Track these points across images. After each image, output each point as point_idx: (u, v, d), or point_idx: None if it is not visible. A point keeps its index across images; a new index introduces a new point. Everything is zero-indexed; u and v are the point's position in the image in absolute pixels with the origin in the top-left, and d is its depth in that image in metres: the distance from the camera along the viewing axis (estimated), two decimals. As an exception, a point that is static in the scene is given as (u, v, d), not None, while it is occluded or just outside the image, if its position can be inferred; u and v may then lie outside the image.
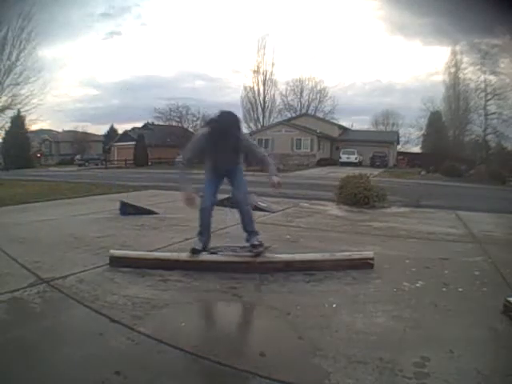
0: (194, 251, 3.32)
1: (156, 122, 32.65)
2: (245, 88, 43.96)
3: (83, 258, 3.59)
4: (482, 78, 28.88)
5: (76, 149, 41.57)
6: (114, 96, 70.36)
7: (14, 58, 17.08)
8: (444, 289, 2.94)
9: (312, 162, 30.13)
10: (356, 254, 3.50)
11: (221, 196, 7.57)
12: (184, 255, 3.40)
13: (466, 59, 31.76)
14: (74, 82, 73.54)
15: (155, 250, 3.86)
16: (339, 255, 3.50)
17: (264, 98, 42.55)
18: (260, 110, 42.72)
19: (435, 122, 35.24)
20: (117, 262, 3.32)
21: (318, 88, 43.91)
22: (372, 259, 3.40)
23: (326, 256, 3.47)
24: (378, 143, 33.62)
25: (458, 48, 32.64)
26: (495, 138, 29.89)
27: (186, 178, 3.24)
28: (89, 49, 68.41)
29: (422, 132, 37.69)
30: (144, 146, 32.89)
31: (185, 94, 65.86)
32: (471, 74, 30.65)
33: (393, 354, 1.97)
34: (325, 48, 74.99)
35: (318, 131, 32.12)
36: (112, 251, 3.43)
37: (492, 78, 28.01)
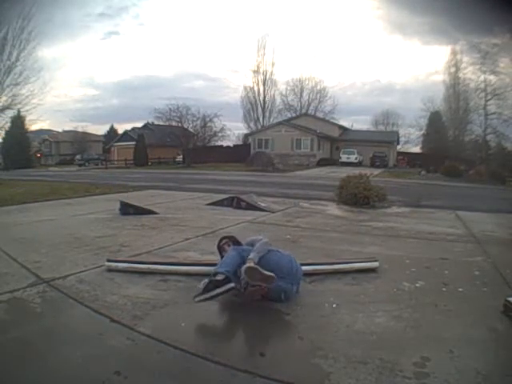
0: None
1: (156, 122, 32.59)
2: (245, 88, 44.08)
3: (83, 257, 3.59)
4: (482, 77, 28.85)
5: (76, 149, 41.58)
6: (113, 96, 70.35)
7: (14, 58, 17.08)
8: (444, 289, 2.94)
9: (312, 162, 30.11)
10: (361, 265, 3.32)
11: (221, 196, 7.61)
12: (180, 268, 3.20)
13: (465, 59, 31.75)
14: (73, 82, 73.65)
15: (155, 250, 3.87)
16: (343, 266, 3.28)
17: (264, 98, 42.64)
18: (260, 110, 42.81)
19: (435, 122, 35.26)
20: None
21: (318, 88, 44.01)
22: (376, 268, 3.31)
23: (330, 268, 3.25)
24: (378, 143, 33.60)
25: (457, 47, 32.63)
26: (495, 138, 29.84)
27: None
28: (88, 49, 68.46)
29: (422, 132, 37.71)
30: (144, 145, 32.88)
31: (184, 93, 65.95)
32: (471, 73, 30.62)
33: (393, 354, 1.97)
34: (324, 48, 75.17)
35: (318, 131, 32.11)
36: (107, 263, 3.26)
37: (492, 77, 27.95)
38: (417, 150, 39.18)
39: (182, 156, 32.25)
